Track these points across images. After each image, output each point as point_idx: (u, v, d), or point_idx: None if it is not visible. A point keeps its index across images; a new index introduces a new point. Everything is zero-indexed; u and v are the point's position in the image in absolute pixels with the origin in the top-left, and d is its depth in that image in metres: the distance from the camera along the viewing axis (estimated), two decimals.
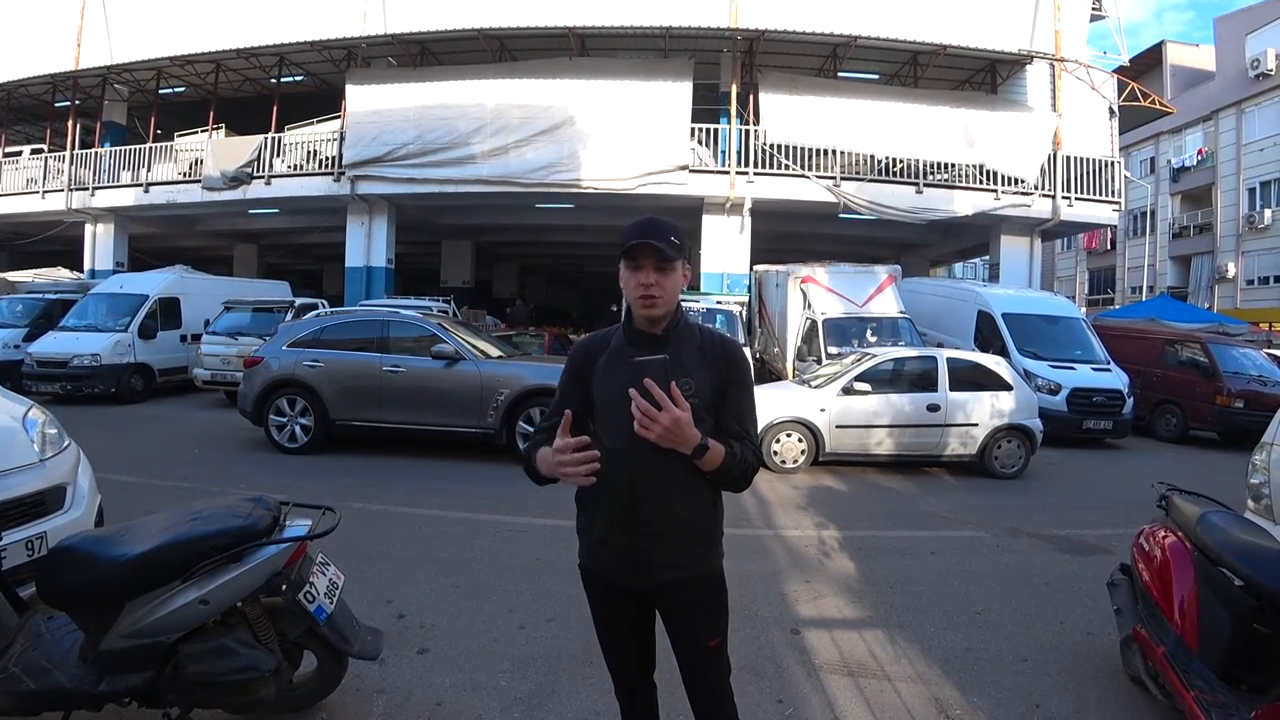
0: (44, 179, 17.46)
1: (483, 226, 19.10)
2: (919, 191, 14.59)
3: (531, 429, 7.00)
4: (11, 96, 17.67)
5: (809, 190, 14.35)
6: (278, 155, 15.87)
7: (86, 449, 3.64)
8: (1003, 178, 14.63)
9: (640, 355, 1.60)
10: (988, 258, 17.27)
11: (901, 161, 14.88)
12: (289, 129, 16.26)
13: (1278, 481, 3.45)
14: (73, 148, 17.38)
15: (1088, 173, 15.01)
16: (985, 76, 16.10)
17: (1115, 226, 23.17)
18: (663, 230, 1.66)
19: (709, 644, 1.75)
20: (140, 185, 16.59)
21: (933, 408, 7.47)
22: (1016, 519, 5.77)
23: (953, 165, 14.83)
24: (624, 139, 13.97)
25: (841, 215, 14.99)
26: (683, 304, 1.80)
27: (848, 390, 7.48)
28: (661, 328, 1.71)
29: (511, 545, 4.66)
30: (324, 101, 16.41)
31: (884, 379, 7.73)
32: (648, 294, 1.66)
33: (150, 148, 16.83)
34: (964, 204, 14.62)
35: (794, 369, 10.96)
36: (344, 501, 4.67)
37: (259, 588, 2.26)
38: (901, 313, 11.07)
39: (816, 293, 11.08)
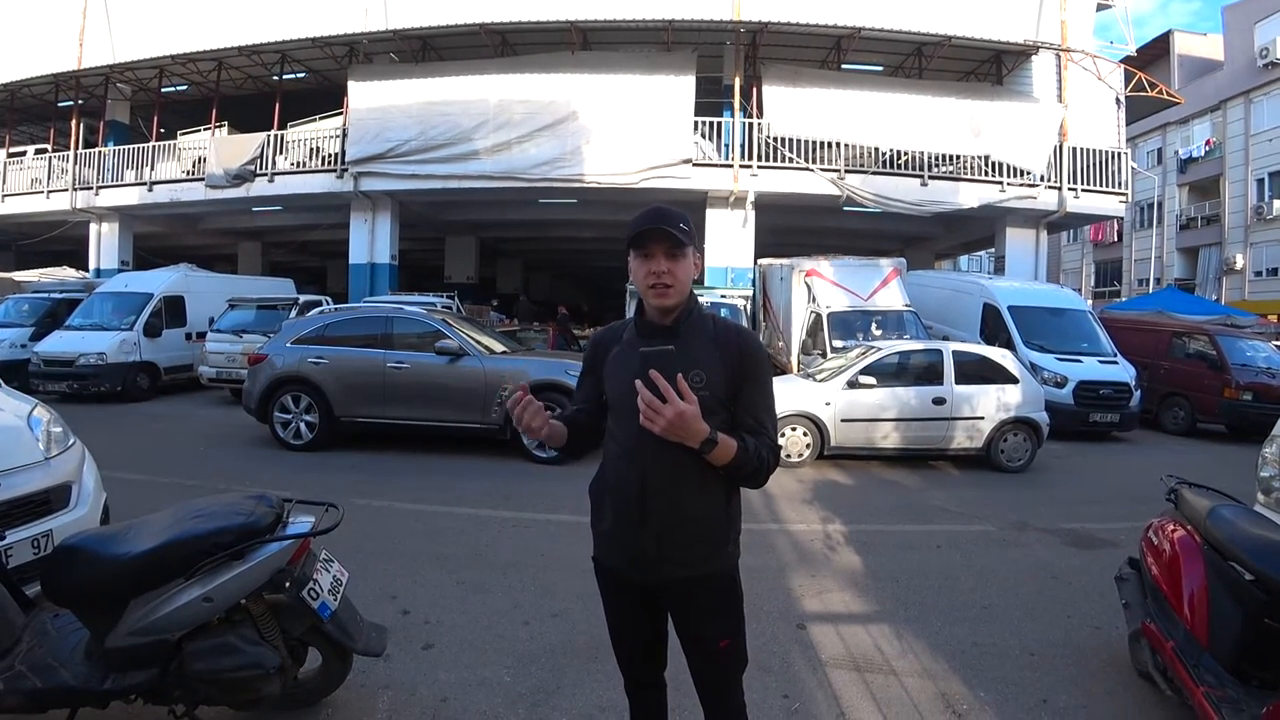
0: (48, 179, 17.53)
1: (486, 222, 19.10)
2: (924, 184, 14.50)
3: None
4: (15, 97, 17.71)
5: (813, 183, 14.27)
6: (281, 152, 15.89)
7: (92, 447, 3.65)
8: (1008, 169, 14.53)
9: (647, 346, 1.57)
10: (993, 250, 17.17)
11: (906, 154, 14.79)
12: (292, 126, 16.26)
13: None
14: (76, 147, 17.44)
15: (1094, 164, 14.87)
16: (990, 67, 15.96)
17: (1122, 218, 22.99)
18: (672, 217, 1.63)
19: (719, 645, 1.71)
20: (144, 184, 16.64)
21: (938, 401, 7.44)
22: (1023, 512, 5.74)
23: (958, 157, 14.71)
24: (627, 133, 13.92)
25: (846, 208, 14.91)
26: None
27: (853, 384, 7.44)
28: (673, 318, 1.67)
29: (515, 540, 4.66)
30: (326, 98, 16.40)
31: (889, 372, 7.69)
32: (659, 282, 1.62)
33: (154, 146, 16.87)
34: (969, 196, 14.52)
35: (799, 363, 10.93)
36: (348, 498, 4.68)
37: (263, 585, 2.26)
38: (907, 306, 11.01)
39: (821, 286, 11.03)
